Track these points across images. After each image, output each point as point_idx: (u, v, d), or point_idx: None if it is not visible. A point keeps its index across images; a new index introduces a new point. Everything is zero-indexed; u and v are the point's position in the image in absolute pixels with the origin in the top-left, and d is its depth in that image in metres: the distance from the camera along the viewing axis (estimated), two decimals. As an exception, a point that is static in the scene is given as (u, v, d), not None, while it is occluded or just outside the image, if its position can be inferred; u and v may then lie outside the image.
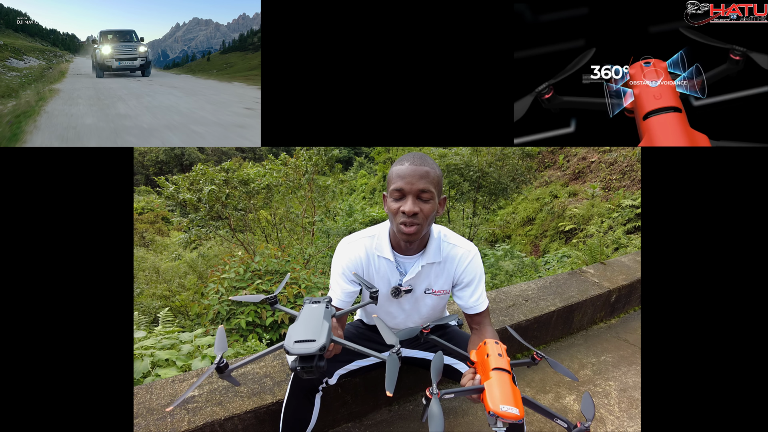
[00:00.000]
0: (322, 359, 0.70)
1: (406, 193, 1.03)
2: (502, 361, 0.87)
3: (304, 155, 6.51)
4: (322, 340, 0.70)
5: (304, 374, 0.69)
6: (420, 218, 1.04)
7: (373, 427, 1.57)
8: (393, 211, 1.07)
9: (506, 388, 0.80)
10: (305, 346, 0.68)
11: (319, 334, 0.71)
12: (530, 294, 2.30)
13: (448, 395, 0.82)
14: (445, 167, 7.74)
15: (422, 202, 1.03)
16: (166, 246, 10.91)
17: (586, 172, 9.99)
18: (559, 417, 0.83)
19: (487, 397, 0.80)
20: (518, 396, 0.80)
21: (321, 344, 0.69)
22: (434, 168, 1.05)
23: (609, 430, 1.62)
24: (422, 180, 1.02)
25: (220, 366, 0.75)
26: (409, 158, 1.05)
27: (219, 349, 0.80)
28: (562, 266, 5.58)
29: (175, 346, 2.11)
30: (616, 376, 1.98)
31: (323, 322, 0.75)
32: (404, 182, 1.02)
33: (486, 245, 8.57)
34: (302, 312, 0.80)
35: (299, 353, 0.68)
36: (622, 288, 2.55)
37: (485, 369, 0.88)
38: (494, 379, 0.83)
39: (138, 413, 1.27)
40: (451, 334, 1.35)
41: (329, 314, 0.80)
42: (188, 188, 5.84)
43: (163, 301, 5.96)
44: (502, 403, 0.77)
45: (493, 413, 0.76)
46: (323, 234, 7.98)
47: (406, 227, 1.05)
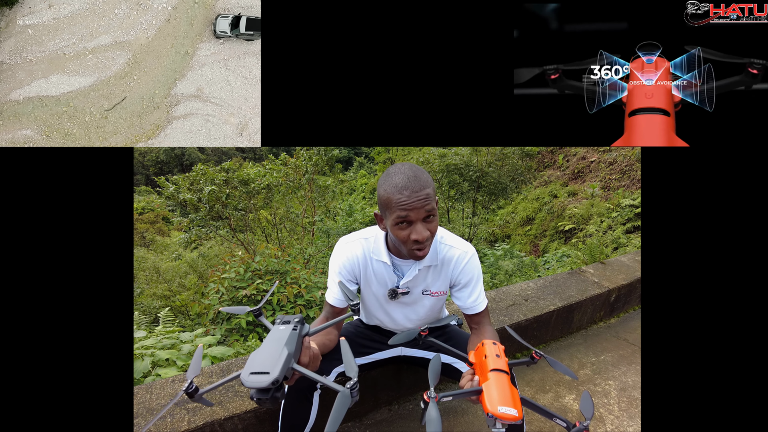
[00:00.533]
0: (280, 389, 0.68)
1: (412, 221, 1.00)
2: (500, 362, 0.87)
3: (304, 155, 6.51)
4: (275, 373, 0.68)
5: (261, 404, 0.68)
6: (430, 238, 1.03)
7: (373, 426, 1.57)
8: (402, 239, 1.03)
9: (504, 390, 0.80)
10: (258, 380, 0.67)
11: (274, 365, 0.69)
12: (530, 293, 2.30)
13: (446, 398, 0.82)
14: (444, 167, 7.75)
15: (428, 223, 1.02)
16: (167, 246, 10.91)
17: (586, 172, 9.99)
18: (557, 416, 0.83)
19: (486, 399, 0.80)
20: (516, 397, 0.80)
21: (273, 378, 0.67)
22: (430, 182, 1.02)
23: (609, 430, 1.62)
24: (426, 203, 0.99)
25: (189, 391, 0.74)
26: (404, 182, 0.99)
27: (191, 372, 0.79)
28: (561, 266, 5.58)
29: (176, 345, 2.11)
30: (616, 376, 1.98)
31: (283, 350, 0.73)
32: (409, 210, 0.99)
33: (485, 245, 8.57)
34: (268, 335, 0.79)
35: (251, 387, 0.67)
36: (622, 287, 2.55)
37: (483, 370, 0.88)
38: (492, 381, 0.83)
39: (138, 413, 1.27)
40: (450, 334, 1.35)
41: (294, 337, 0.78)
42: (188, 188, 5.84)
43: (164, 300, 5.97)
44: (500, 404, 0.77)
45: (492, 415, 0.76)
46: (323, 234, 7.98)
47: (420, 251, 1.04)
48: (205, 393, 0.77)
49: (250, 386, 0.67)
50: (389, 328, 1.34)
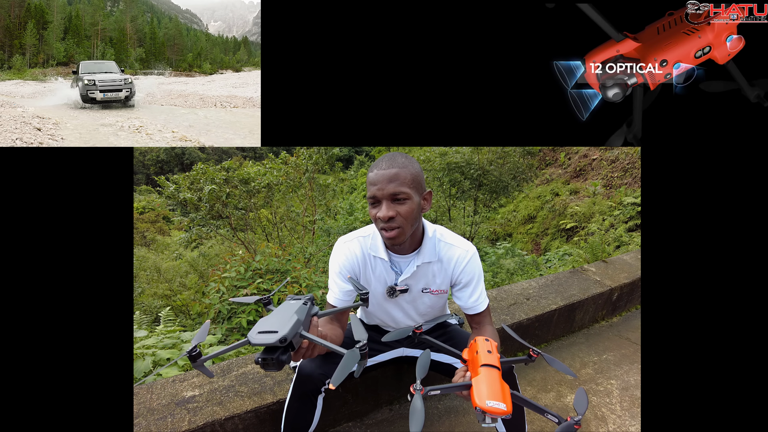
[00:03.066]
0: (286, 352, 0.68)
1: (379, 199, 1.03)
2: (491, 358, 0.87)
3: (305, 154, 6.50)
4: (284, 331, 0.68)
5: (264, 367, 0.67)
6: (399, 221, 1.03)
7: (374, 426, 1.56)
8: (373, 218, 1.07)
9: (494, 384, 0.80)
10: (266, 337, 0.67)
11: (283, 326, 0.69)
12: (531, 292, 2.29)
13: (434, 392, 0.82)
14: (445, 165, 7.72)
15: (398, 204, 1.03)
16: (167, 245, 10.92)
17: (588, 170, 9.97)
18: (548, 412, 0.83)
19: (474, 393, 0.80)
20: (507, 392, 0.80)
21: (281, 335, 0.67)
22: (405, 167, 1.03)
23: (611, 429, 1.62)
24: (392, 183, 1.01)
25: (193, 354, 0.74)
26: (378, 163, 1.04)
27: (197, 339, 0.80)
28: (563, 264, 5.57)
29: (177, 345, 2.11)
30: (618, 375, 1.97)
31: (293, 316, 0.73)
32: (375, 189, 1.02)
33: (487, 243, 8.55)
34: (279, 306, 0.79)
35: (258, 343, 0.67)
36: (624, 286, 2.54)
37: (475, 366, 0.88)
38: (482, 375, 0.83)
39: (138, 413, 1.27)
40: (451, 333, 1.35)
41: (305, 311, 0.79)
42: (189, 187, 5.84)
43: (165, 300, 5.97)
44: (488, 398, 0.77)
45: (480, 409, 0.76)
46: (324, 233, 7.97)
47: (386, 232, 1.05)
48: (210, 359, 0.77)
49: (257, 343, 0.66)
50: (389, 327, 1.34)
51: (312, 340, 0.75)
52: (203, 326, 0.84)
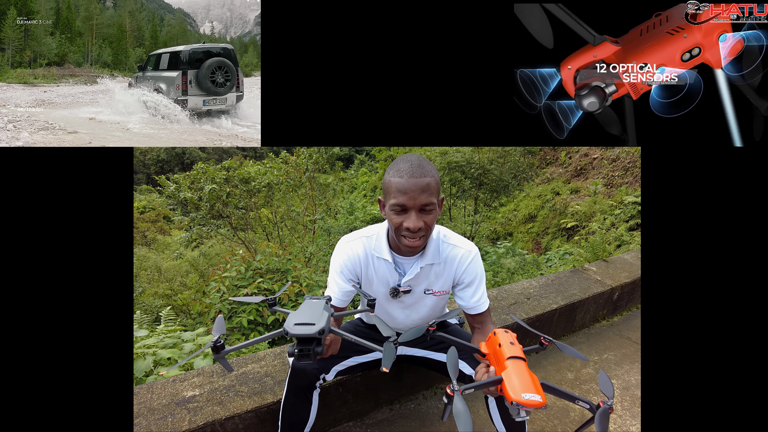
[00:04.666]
0: (320, 344, 0.72)
1: (408, 209, 1.00)
2: (515, 350, 0.84)
3: (305, 153, 6.49)
4: (322, 323, 0.71)
5: (301, 358, 0.70)
6: (425, 230, 1.02)
7: (375, 426, 1.56)
8: (395, 225, 1.03)
9: (525, 376, 0.77)
10: (305, 329, 0.70)
11: (318, 319, 0.73)
12: (532, 292, 2.29)
13: (468, 390, 0.79)
14: (446, 164, 7.71)
15: (425, 215, 1.01)
16: (168, 245, 10.92)
17: (588, 169, 9.95)
18: (580, 399, 0.80)
19: (507, 388, 0.76)
20: (537, 383, 0.77)
21: (320, 327, 0.70)
22: (434, 175, 1.01)
23: (612, 429, 1.61)
24: (424, 194, 0.98)
25: (217, 345, 0.76)
26: (407, 169, 1.00)
27: (216, 331, 0.82)
28: (564, 264, 5.57)
29: (177, 345, 2.11)
30: (619, 375, 1.97)
31: (323, 312, 0.77)
32: (406, 198, 0.98)
33: (487, 243, 8.55)
34: (303, 304, 0.82)
35: (298, 334, 0.69)
36: (625, 285, 2.54)
37: (499, 359, 0.85)
38: (511, 369, 0.79)
39: (139, 413, 1.27)
40: (453, 333, 1.34)
41: (329, 310, 0.82)
42: (189, 187, 5.84)
43: (165, 299, 5.98)
44: (523, 391, 0.74)
45: (516, 403, 0.73)
46: (324, 232, 7.98)
47: (410, 240, 1.03)
48: (234, 350, 0.78)
49: (296, 334, 0.69)
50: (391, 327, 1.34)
51: (344, 336, 0.80)
52: (218, 320, 0.86)
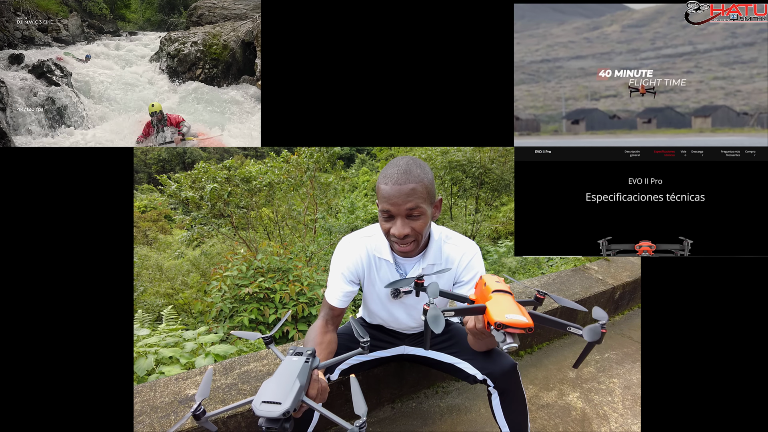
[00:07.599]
0: (289, 420, 0.69)
1: (394, 216, 0.99)
2: (501, 286, 0.80)
3: (306, 152, 6.50)
4: (288, 404, 0.69)
5: None
6: (413, 235, 1.02)
7: (376, 424, 1.57)
8: (384, 231, 1.04)
9: (510, 303, 0.73)
10: (270, 409, 0.68)
11: (286, 396, 0.71)
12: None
13: (448, 313, 0.77)
14: (447, 164, 7.72)
15: (412, 220, 1.00)
16: (169, 244, 10.93)
17: (589, 168, 9.92)
18: (571, 325, 0.75)
19: (491, 312, 0.71)
20: (524, 311, 0.71)
21: (285, 409, 0.68)
22: (421, 179, 0.98)
23: (613, 428, 1.61)
24: (409, 200, 0.96)
25: (197, 413, 0.75)
26: (392, 174, 0.98)
27: (200, 394, 0.79)
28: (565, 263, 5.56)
29: (179, 343, 2.12)
30: (620, 374, 1.97)
31: (295, 382, 0.74)
32: (390, 204, 0.97)
33: (489, 242, 8.54)
34: (280, 365, 0.80)
35: (263, 416, 0.68)
36: (626, 285, 2.54)
37: (484, 296, 0.80)
38: (495, 298, 0.76)
39: (141, 411, 1.27)
40: (453, 332, 1.34)
41: (306, 370, 0.79)
42: (190, 186, 5.85)
43: (167, 299, 5.99)
44: (507, 313, 0.69)
45: (500, 323, 0.67)
46: (325, 231, 7.98)
47: (401, 247, 1.03)
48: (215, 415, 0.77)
49: (261, 415, 0.68)
50: (392, 327, 1.34)
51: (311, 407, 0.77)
52: (205, 377, 0.82)
